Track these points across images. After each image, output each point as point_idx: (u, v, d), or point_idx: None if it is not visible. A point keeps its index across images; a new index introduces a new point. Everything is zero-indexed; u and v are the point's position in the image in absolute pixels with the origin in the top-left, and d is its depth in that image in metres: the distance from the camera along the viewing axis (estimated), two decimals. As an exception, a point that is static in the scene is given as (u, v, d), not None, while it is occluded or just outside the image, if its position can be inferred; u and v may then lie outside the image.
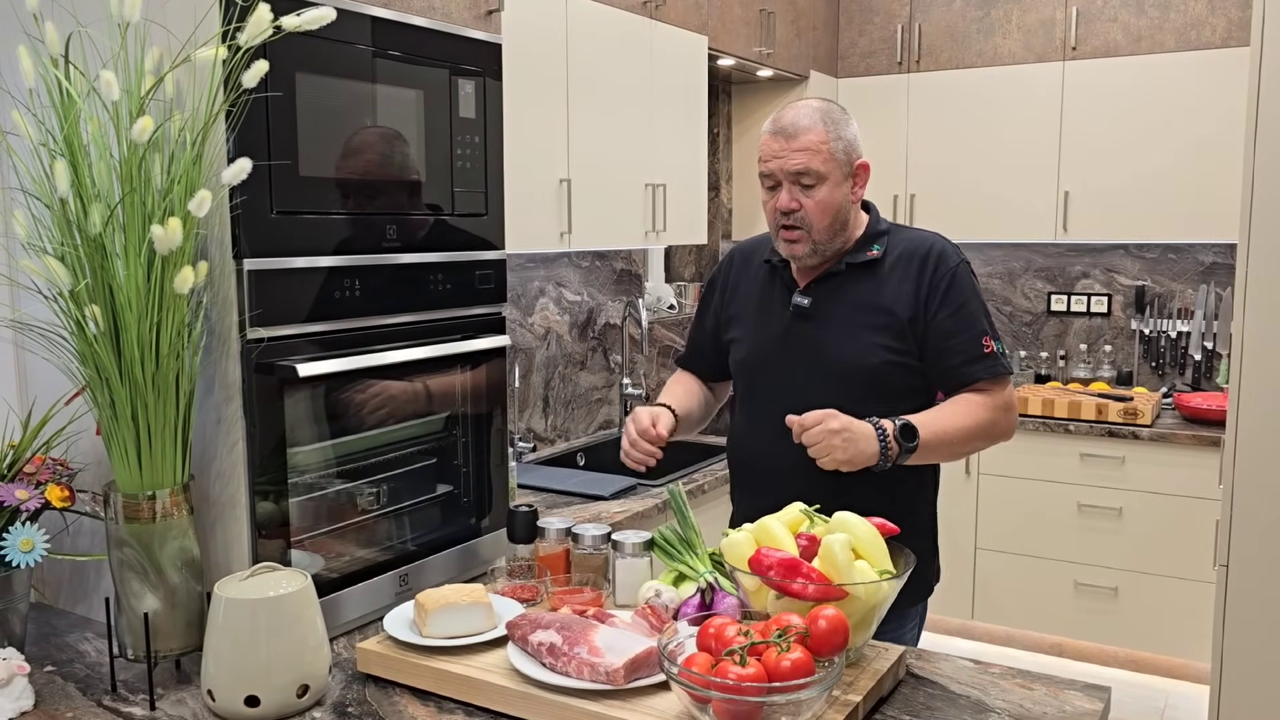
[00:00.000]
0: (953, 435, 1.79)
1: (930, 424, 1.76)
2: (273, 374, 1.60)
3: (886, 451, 1.70)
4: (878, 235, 1.90)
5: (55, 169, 1.40)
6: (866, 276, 1.88)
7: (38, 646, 1.66)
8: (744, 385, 1.99)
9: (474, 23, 2.04)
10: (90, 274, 1.44)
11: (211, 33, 1.48)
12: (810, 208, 1.80)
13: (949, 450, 1.82)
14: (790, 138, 1.79)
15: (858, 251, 1.89)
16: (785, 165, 1.79)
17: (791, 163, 1.78)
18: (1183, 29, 3.77)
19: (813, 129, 1.78)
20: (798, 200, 1.80)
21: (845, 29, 4.41)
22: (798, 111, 1.81)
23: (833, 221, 1.83)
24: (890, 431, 1.71)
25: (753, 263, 2.01)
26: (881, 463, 1.71)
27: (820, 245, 1.84)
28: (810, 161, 1.78)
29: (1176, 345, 4.15)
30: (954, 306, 1.84)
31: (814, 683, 1.21)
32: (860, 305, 1.86)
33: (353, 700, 1.47)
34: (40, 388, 1.78)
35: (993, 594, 3.97)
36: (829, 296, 1.88)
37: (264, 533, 1.61)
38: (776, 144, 1.80)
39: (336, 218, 1.70)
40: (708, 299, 2.10)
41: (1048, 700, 1.46)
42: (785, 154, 1.79)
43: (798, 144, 1.78)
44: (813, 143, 1.78)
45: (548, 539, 1.78)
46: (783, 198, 1.81)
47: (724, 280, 2.06)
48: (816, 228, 1.81)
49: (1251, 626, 2.36)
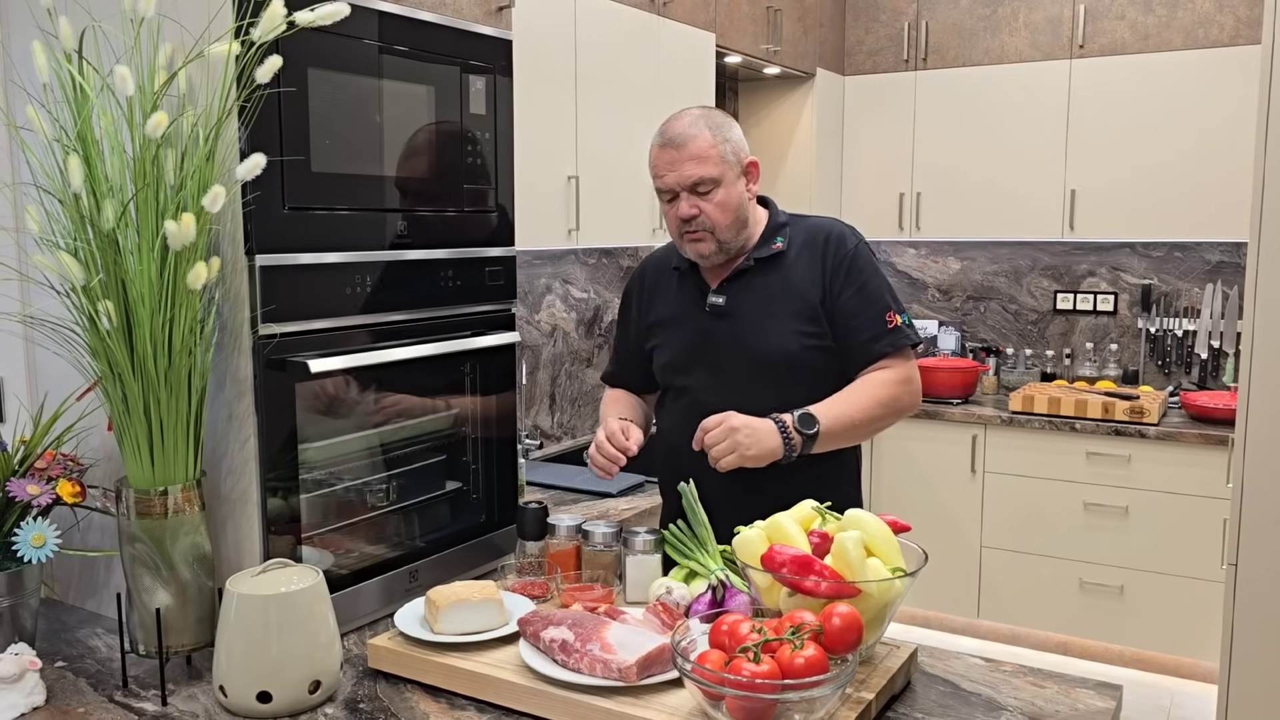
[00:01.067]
0: (854, 416, 1.84)
1: (829, 410, 1.82)
2: (284, 370, 1.60)
3: (789, 442, 1.76)
4: (779, 228, 1.96)
5: (69, 164, 1.40)
6: (774, 269, 1.93)
7: (49, 642, 1.67)
8: (672, 386, 2.03)
9: (485, 19, 2.04)
10: (103, 269, 1.44)
11: (225, 28, 1.47)
12: (710, 210, 1.85)
13: (854, 432, 1.86)
14: (680, 148, 1.84)
15: (762, 246, 1.95)
16: (680, 177, 1.84)
17: (685, 174, 1.84)
18: (1190, 27, 3.76)
19: (699, 136, 1.84)
20: (697, 206, 1.85)
21: (852, 26, 4.40)
22: (682, 122, 1.86)
23: (734, 220, 1.88)
24: (790, 423, 1.78)
25: (664, 271, 2.07)
26: (787, 454, 1.77)
27: (725, 243, 1.89)
28: (702, 169, 1.83)
29: (1183, 344, 4.15)
30: (856, 285, 1.89)
31: (828, 680, 1.21)
32: (772, 296, 1.92)
33: (364, 696, 1.47)
34: (51, 383, 1.78)
35: (998, 592, 3.96)
36: (742, 292, 1.94)
37: (275, 529, 1.61)
38: (667, 155, 1.86)
39: (348, 214, 1.70)
40: (626, 313, 2.14)
41: (1059, 699, 1.46)
42: (677, 165, 1.84)
43: (687, 153, 1.83)
44: (702, 150, 1.83)
45: (558, 536, 1.78)
46: (683, 207, 1.86)
47: (639, 291, 2.11)
48: (720, 227, 1.87)
49: (1260, 625, 2.36)
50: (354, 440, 1.80)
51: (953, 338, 4.54)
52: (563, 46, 2.69)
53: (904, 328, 1.90)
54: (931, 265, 4.64)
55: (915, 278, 4.67)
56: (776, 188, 4.20)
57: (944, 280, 4.62)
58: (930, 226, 4.30)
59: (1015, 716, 1.40)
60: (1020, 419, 3.84)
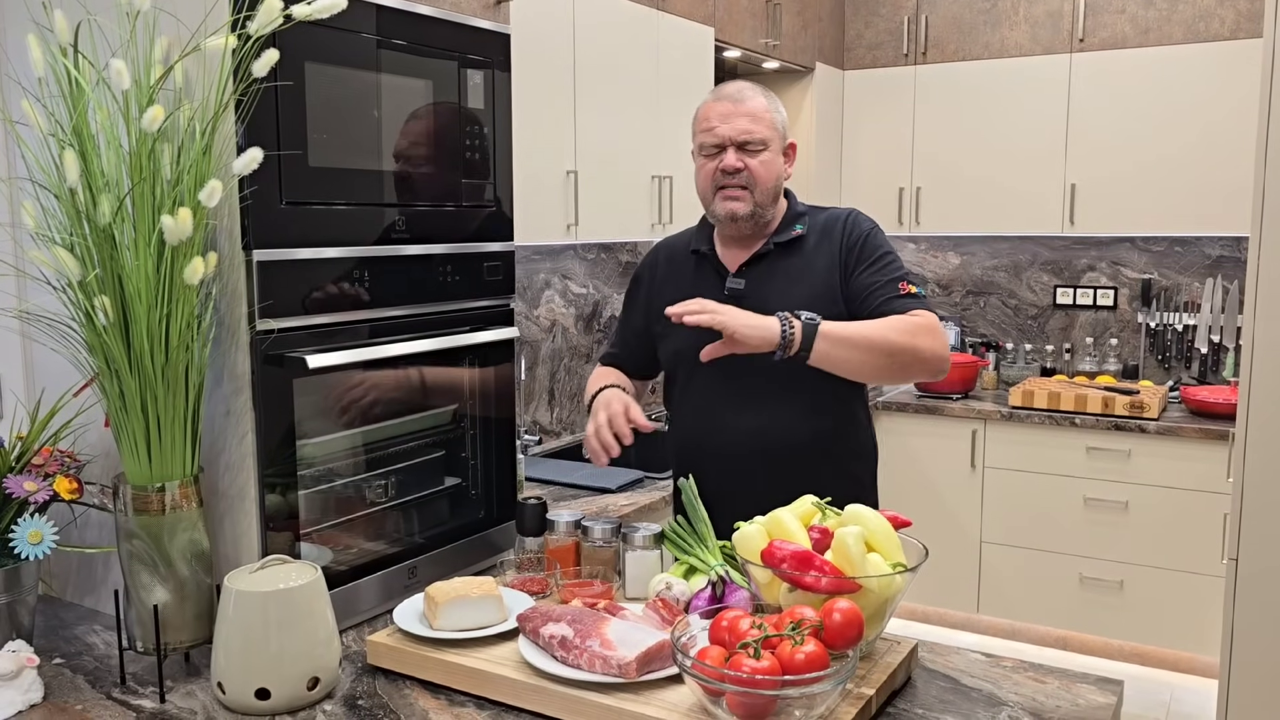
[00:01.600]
0: (866, 332, 1.78)
1: (841, 322, 1.79)
2: (282, 365, 1.59)
3: (788, 329, 1.71)
4: (799, 216, 1.99)
5: (64, 159, 1.39)
6: (794, 254, 1.95)
7: (46, 639, 1.66)
8: (683, 375, 2.01)
9: (483, 13, 2.03)
10: (100, 265, 1.43)
11: (221, 21, 1.46)
12: (755, 168, 1.88)
13: (865, 344, 1.78)
14: (737, 103, 1.88)
15: (783, 231, 1.96)
16: (734, 128, 1.86)
17: (740, 125, 1.86)
18: (1191, 20, 3.76)
19: (756, 98, 1.89)
20: (743, 160, 1.86)
21: (851, 20, 4.39)
22: (739, 84, 1.91)
23: (774, 186, 1.91)
24: (791, 316, 1.74)
25: (678, 256, 2.06)
26: (783, 343, 1.71)
27: (760, 208, 1.91)
28: (755, 126, 1.87)
29: (1183, 339, 4.14)
30: (869, 261, 1.91)
31: (829, 676, 1.21)
32: (792, 280, 1.93)
33: (363, 693, 1.47)
34: (48, 379, 1.78)
35: (998, 587, 3.96)
36: (761, 276, 1.94)
37: (273, 525, 1.61)
38: (722, 108, 1.88)
39: (345, 209, 1.69)
40: (634, 295, 2.13)
41: (1060, 694, 1.46)
42: (732, 118, 1.87)
43: (744, 109, 1.87)
44: (757, 110, 1.88)
45: (557, 532, 1.78)
46: (729, 157, 1.87)
47: (650, 276, 2.10)
48: (760, 188, 1.89)
49: (1261, 619, 2.36)
50: (352, 436, 1.80)
51: (952, 333, 4.53)
52: (561, 40, 2.68)
53: (919, 296, 1.88)
54: (931, 260, 4.64)
55: (915, 272, 4.67)
56: (776, 182, 4.19)
57: (944, 275, 4.62)
58: (930, 221, 4.29)
59: (1016, 712, 1.40)
60: (1020, 414, 3.84)
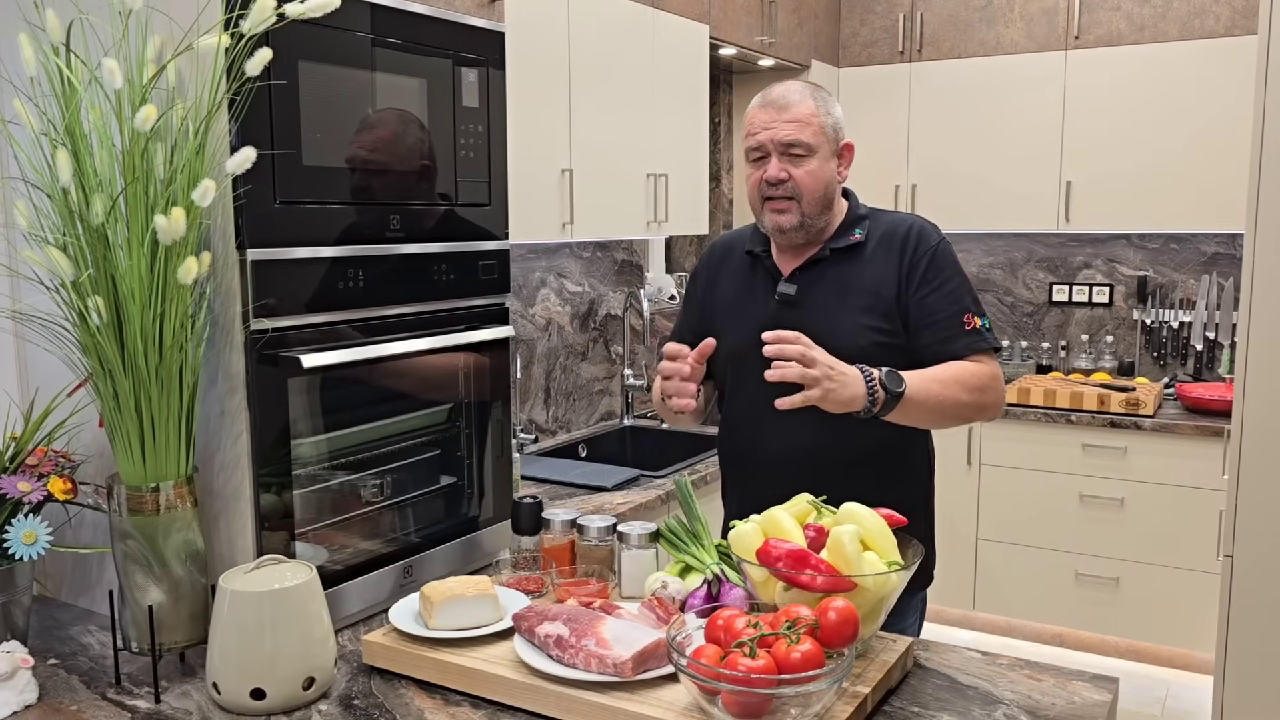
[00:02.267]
0: (940, 394, 1.75)
1: (917, 379, 1.73)
2: (276, 365, 1.59)
3: (873, 395, 1.67)
4: (859, 220, 1.91)
5: (57, 158, 1.39)
6: (850, 260, 1.88)
7: (41, 640, 1.66)
8: (732, 376, 1.97)
9: (477, 11, 2.02)
10: (93, 264, 1.43)
11: (214, 20, 1.46)
12: (800, 178, 1.80)
13: (935, 411, 1.77)
14: (782, 109, 1.80)
15: (840, 236, 1.89)
16: (776, 135, 1.79)
17: (783, 133, 1.79)
18: (1186, 18, 3.76)
19: (803, 103, 1.80)
20: (787, 170, 1.80)
21: (847, 18, 4.39)
22: (788, 87, 1.83)
23: (823, 195, 1.83)
24: (878, 376, 1.68)
25: (734, 255, 2.01)
26: (866, 407, 1.67)
27: (808, 219, 1.83)
28: (800, 133, 1.79)
29: (1178, 336, 4.15)
30: (935, 284, 1.84)
31: (824, 674, 1.21)
32: (846, 289, 1.86)
33: (359, 693, 1.47)
34: (42, 379, 1.77)
35: (994, 584, 3.97)
36: (814, 282, 1.88)
37: (268, 525, 1.60)
38: (767, 114, 1.81)
39: (340, 208, 1.69)
40: (691, 293, 2.09)
41: (1056, 691, 1.46)
42: (776, 124, 1.79)
43: (789, 115, 1.79)
44: (804, 115, 1.80)
45: (553, 530, 1.77)
46: (772, 167, 1.81)
47: (705, 274, 2.05)
48: (807, 199, 1.81)
49: (1256, 616, 2.36)
50: (347, 435, 1.79)
51: (948, 330, 4.53)
52: (556, 38, 2.68)
53: (983, 331, 1.83)
54: (927, 257, 4.63)
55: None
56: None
57: (939, 272, 4.61)
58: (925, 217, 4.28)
59: (1012, 710, 1.40)
60: (1016, 411, 3.84)
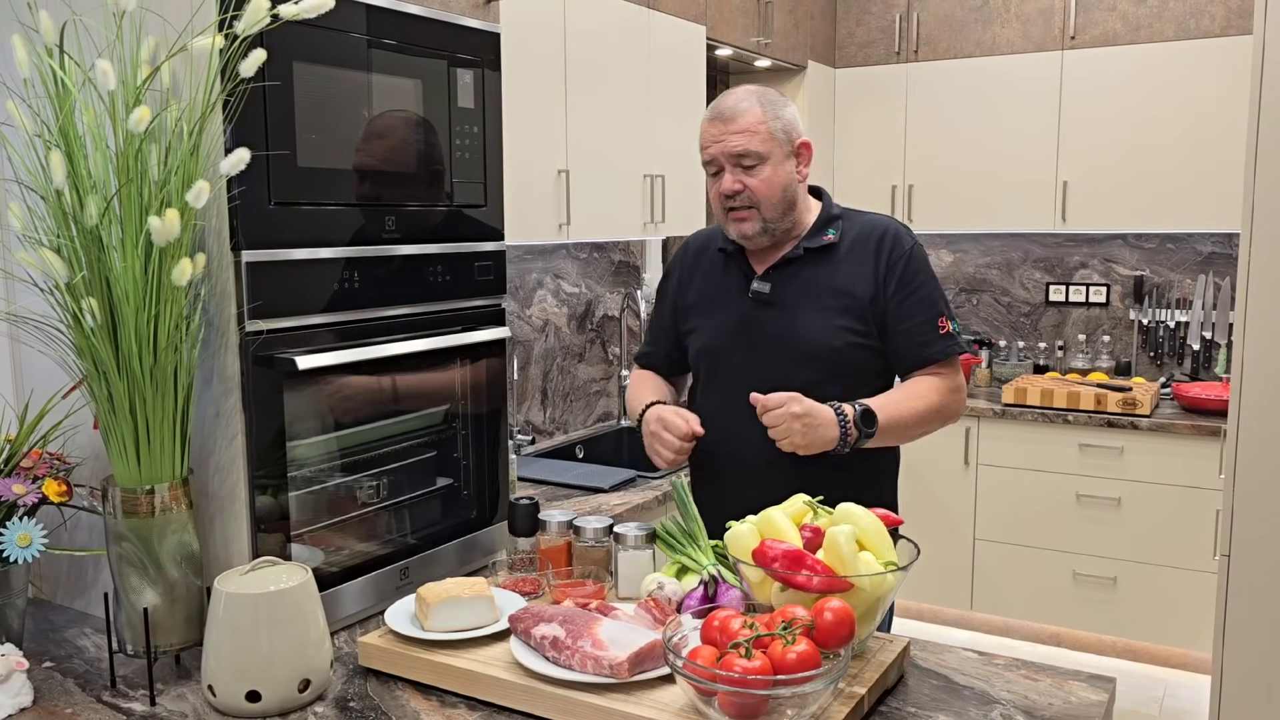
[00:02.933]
0: (908, 419, 1.82)
1: (887, 408, 1.79)
2: (272, 367, 1.59)
3: (846, 437, 1.73)
4: (832, 220, 1.93)
5: (51, 160, 1.38)
6: (824, 260, 1.90)
7: (36, 642, 1.65)
8: (705, 373, 1.99)
9: (472, 12, 2.02)
10: (87, 266, 1.43)
11: (208, 21, 1.46)
12: (755, 186, 1.83)
13: (903, 433, 1.85)
14: (729, 121, 1.82)
15: (814, 236, 1.91)
16: (725, 148, 1.82)
17: (731, 145, 1.81)
18: (1182, 17, 3.76)
19: (750, 111, 1.82)
20: (741, 181, 1.83)
21: (843, 18, 4.39)
22: (734, 96, 1.85)
23: (781, 199, 1.85)
24: (851, 417, 1.74)
25: (707, 252, 2.02)
26: (840, 447, 1.74)
27: (770, 224, 1.86)
28: (749, 143, 1.81)
29: (1175, 335, 4.15)
30: (910, 288, 1.87)
31: (820, 675, 1.21)
32: (820, 288, 1.88)
33: (355, 695, 1.46)
34: (36, 381, 1.77)
35: (991, 584, 3.97)
36: (788, 281, 1.90)
37: (264, 527, 1.60)
38: (715, 128, 1.84)
39: (335, 209, 1.69)
40: (664, 291, 2.10)
41: (1052, 691, 1.46)
42: (724, 137, 1.82)
43: (736, 126, 1.81)
44: (750, 124, 1.81)
45: (549, 532, 1.77)
46: (726, 181, 1.83)
47: (679, 272, 2.07)
48: (764, 204, 1.84)
49: (1253, 616, 2.36)
50: (343, 437, 1.79)
51: (945, 330, 4.53)
52: (552, 39, 2.67)
53: (955, 335, 1.88)
54: (924, 258, 4.64)
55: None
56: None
57: (937, 272, 4.60)
58: (922, 219, 4.29)
59: (1008, 709, 1.40)
60: (1013, 411, 3.84)
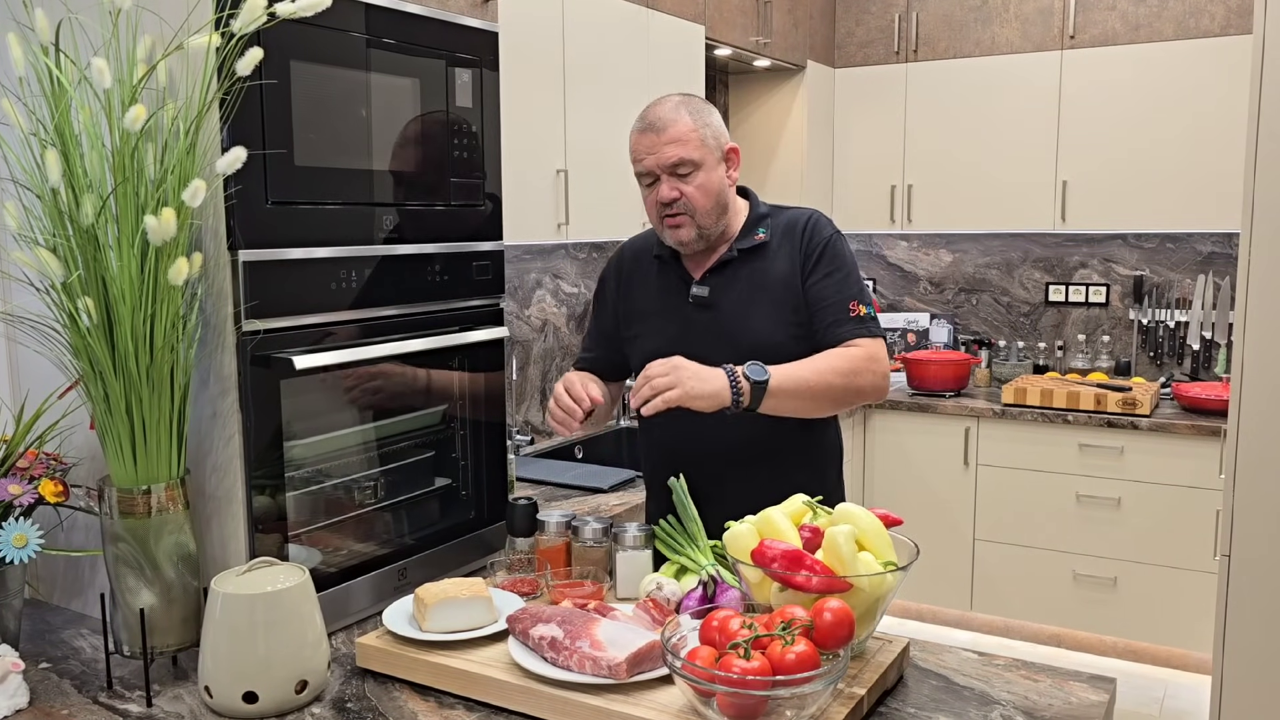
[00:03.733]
0: (807, 378, 1.81)
1: (783, 367, 1.80)
2: (269, 366, 1.58)
3: (736, 386, 1.73)
4: (761, 219, 1.97)
5: (46, 159, 1.38)
6: (757, 259, 1.94)
7: (32, 643, 1.65)
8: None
9: (470, 11, 2.02)
10: (83, 265, 1.42)
11: (204, 19, 1.45)
12: (690, 193, 1.85)
13: (808, 394, 1.82)
14: (660, 132, 1.84)
15: (745, 237, 1.95)
16: (660, 159, 1.84)
17: (666, 155, 1.83)
18: (1181, 17, 3.76)
19: (679, 121, 1.84)
20: (677, 189, 1.85)
21: (842, 18, 4.39)
22: (662, 107, 1.87)
23: (715, 204, 1.88)
24: (739, 371, 1.75)
25: (643, 259, 2.05)
26: (734, 400, 1.73)
27: (705, 229, 1.89)
28: (682, 151, 1.83)
29: (1175, 335, 4.15)
30: (825, 272, 1.90)
31: (819, 676, 1.20)
32: (757, 286, 1.92)
33: (352, 695, 1.46)
34: (33, 381, 1.76)
35: (992, 585, 3.96)
36: (726, 283, 1.93)
37: (261, 527, 1.60)
38: (647, 140, 1.86)
39: (332, 208, 1.68)
40: (602, 297, 2.13)
41: (1053, 692, 1.45)
42: (658, 148, 1.84)
43: (668, 136, 1.84)
44: (682, 133, 1.84)
45: (548, 532, 1.77)
46: (663, 190, 1.86)
47: (615, 281, 2.09)
48: (700, 211, 1.86)
49: (1253, 616, 2.36)
50: (341, 437, 1.78)
51: (945, 330, 4.53)
52: (550, 39, 2.67)
53: (867, 319, 1.90)
54: (923, 258, 4.64)
55: (907, 270, 4.66)
56: (767, 181, 4.19)
57: (935, 273, 4.62)
58: (922, 219, 4.29)
59: (1008, 710, 1.39)
60: (1013, 411, 3.84)
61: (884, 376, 1.90)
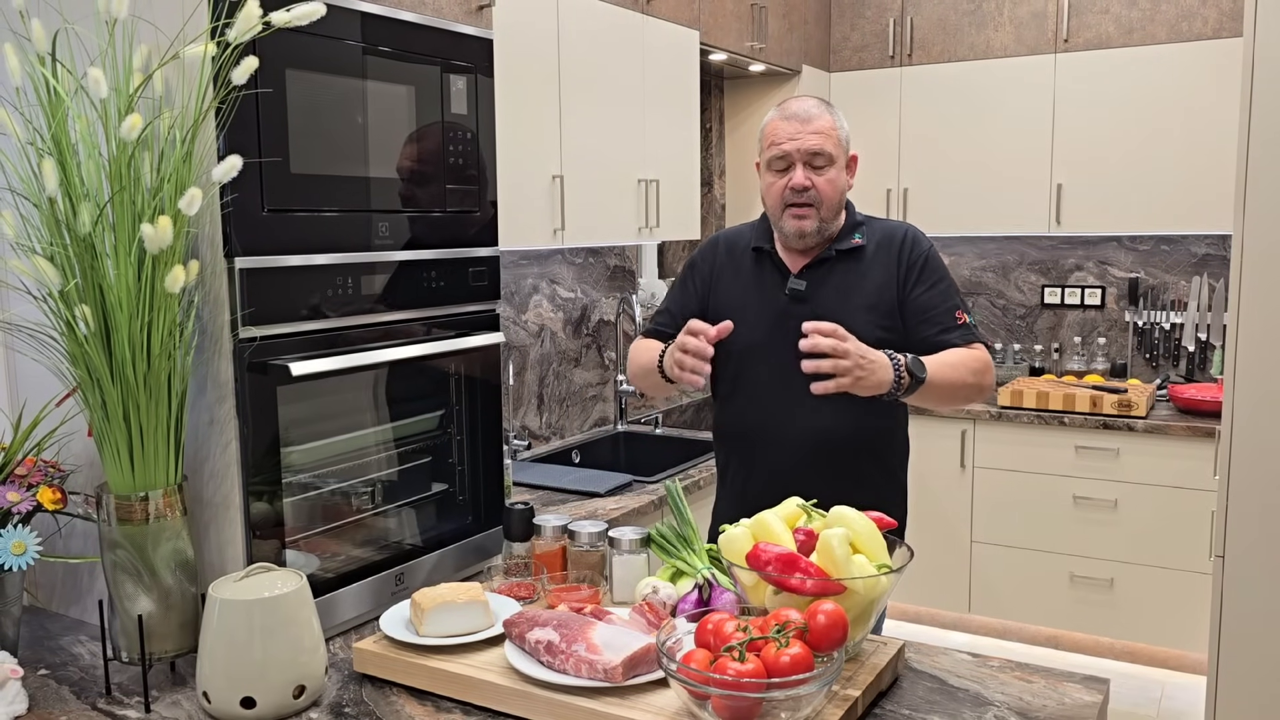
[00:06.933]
0: (951, 378, 1.90)
1: (934, 363, 1.89)
2: (266, 373, 1.59)
3: (899, 380, 1.80)
4: (857, 225, 2.07)
5: (43, 168, 1.38)
6: (852, 262, 2.02)
7: (31, 650, 1.65)
8: (739, 367, 2.04)
9: (465, 18, 2.03)
10: (80, 274, 1.43)
11: (200, 29, 1.46)
12: (821, 186, 1.95)
13: (948, 389, 1.91)
14: (805, 121, 1.94)
15: (843, 239, 2.03)
16: (802, 145, 1.93)
17: (809, 143, 1.93)
18: (1174, 20, 3.77)
19: (823, 116, 1.96)
20: (810, 179, 1.93)
21: (837, 23, 4.40)
22: (805, 101, 1.99)
23: (838, 202, 1.99)
24: (904, 363, 1.82)
25: (737, 250, 2.11)
26: (891, 392, 1.81)
27: (825, 223, 1.98)
28: (824, 144, 1.94)
29: (1170, 337, 4.16)
30: (929, 284, 2.01)
31: (813, 678, 1.21)
32: (851, 288, 2.00)
33: (349, 700, 1.46)
34: (30, 389, 1.77)
35: (989, 587, 3.97)
36: (822, 280, 2.00)
37: (258, 533, 1.60)
38: (791, 126, 1.95)
39: (328, 215, 1.69)
40: (689, 277, 2.16)
41: (1047, 693, 1.46)
42: (802, 135, 1.93)
43: (813, 127, 1.94)
44: (825, 127, 1.95)
45: (544, 536, 1.78)
46: (798, 175, 1.93)
47: (707, 268, 2.13)
48: (826, 205, 1.96)
49: (1249, 617, 2.36)
50: (338, 443, 1.79)
51: (941, 333, 4.53)
52: (545, 45, 2.68)
53: (972, 326, 1.99)
54: (919, 261, 4.64)
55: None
56: (763, 185, 4.19)
57: (932, 276, 4.62)
58: (917, 222, 4.23)
59: (1002, 711, 1.40)
60: (1009, 414, 3.84)
61: (994, 383, 2.00)
